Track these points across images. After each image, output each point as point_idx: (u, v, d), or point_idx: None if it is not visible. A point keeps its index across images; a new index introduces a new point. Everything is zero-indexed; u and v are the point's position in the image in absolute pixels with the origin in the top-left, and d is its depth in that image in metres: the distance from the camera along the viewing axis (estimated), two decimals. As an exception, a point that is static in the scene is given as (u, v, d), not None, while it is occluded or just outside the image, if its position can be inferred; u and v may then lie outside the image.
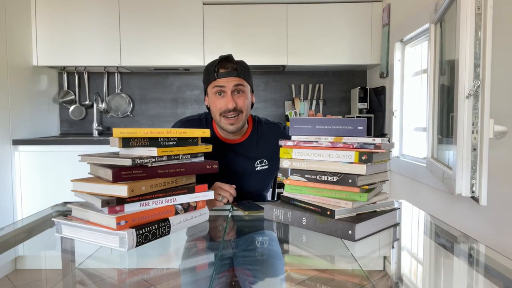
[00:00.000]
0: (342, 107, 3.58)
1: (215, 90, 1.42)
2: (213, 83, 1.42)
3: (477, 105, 1.29)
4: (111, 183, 0.90)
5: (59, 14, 3.09)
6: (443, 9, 1.67)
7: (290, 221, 1.05)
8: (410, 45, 2.69)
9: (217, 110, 1.43)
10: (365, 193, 1.00)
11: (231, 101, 1.40)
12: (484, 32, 1.25)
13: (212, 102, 1.45)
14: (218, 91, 1.42)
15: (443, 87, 1.84)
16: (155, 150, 0.96)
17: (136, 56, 3.13)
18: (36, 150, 2.84)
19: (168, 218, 0.97)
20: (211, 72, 1.42)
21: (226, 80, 1.40)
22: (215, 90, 1.42)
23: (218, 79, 1.40)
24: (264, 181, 1.63)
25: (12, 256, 0.94)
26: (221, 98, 1.42)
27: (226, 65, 1.41)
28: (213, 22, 3.11)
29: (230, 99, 1.40)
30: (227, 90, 1.41)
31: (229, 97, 1.40)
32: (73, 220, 0.94)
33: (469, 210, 1.75)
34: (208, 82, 1.44)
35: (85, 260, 0.88)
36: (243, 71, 1.43)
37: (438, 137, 1.90)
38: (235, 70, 1.40)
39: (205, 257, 0.93)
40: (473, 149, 1.30)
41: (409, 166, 2.51)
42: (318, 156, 1.05)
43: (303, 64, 3.18)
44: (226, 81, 1.40)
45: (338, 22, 3.11)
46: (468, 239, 1.04)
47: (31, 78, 3.09)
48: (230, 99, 1.40)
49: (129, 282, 0.80)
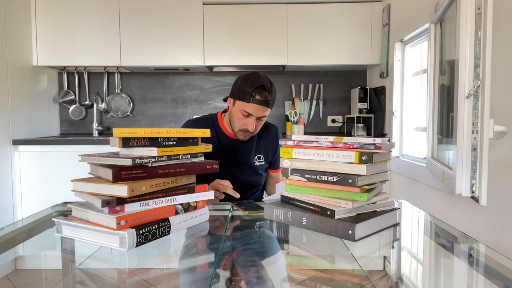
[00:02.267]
0: (342, 107, 3.58)
1: (244, 113, 1.55)
2: (245, 105, 1.54)
3: (477, 105, 1.29)
4: (111, 183, 0.90)
5: (59, 14, 3.09)
6: (443, 9, 1.67)
7: (290, 221, 1.05)
8: (410, 45, 2.69)
9: (238, 126, 1.59)
10: (365, 193, 1.00)
11: (252, 125, 1.56)
12: (484, 32, 1.25)
13: (236, 117, 1.58)
14: (245, 114, 1.55)
15: (443, 87, 1.84)
16: (155, 150, 0.96)
17: (136, 56, 3.13)
18: (36, 150, 2.84)
19: (168, 218, 0.97)
20: (248, 93, 1.52)
21: (257, 108, 1.53)
22: (243, 112, 1.55)
23: (251, 104, 1.52)
24: (259, 174, 1.78)
25: (12, 256, 0.94)
26: (246, 119, 1.56)
27: (262, 94, 1.52)
28: (213, 22, 3.11)
29: (253, 125, 1.56)
30: (253, 116, 1.55)
31: (252, 123, 1.56)
32: (73, 220, 0.94)
33: (469, 210, 1.75)
34: (241, 100, 1.55)
35: (85, 260, 0.88)
36: (273, 101, 1.57)
37: (438, 137, 1.90)
38: (268, 102, 1.53)
39: (205, 257, 0.93)
40: (473, 149, 1.30)
41: (409, 166, 2.51)
42: (318, 156, 1.05)
43: (303, 64, 3.18)
44: (256, 110, 1.54)
45: (338, 22, 3.12)
46: (468, 239, 1.04)
47: (31, 78, 3.09)
48: (253, 124, 1.56)
49: (129, 282, 0.80)
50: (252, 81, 1.53)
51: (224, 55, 3.13)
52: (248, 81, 1.54)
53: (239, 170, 1.69)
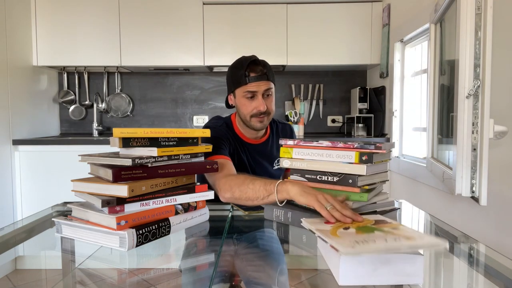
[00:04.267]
0: (342, 107, 3.58)
1: (247, 95, 1.46)
2: (244, 87, 1.45)
3: (477, 105, 1.29)
4: (111, 183, 0.90)
5: (59, 14, 3.09)
6: (443, 9, 1.67)
7: (290, 221, 1.05)
8: (410, 45, 2.69)
9: (248, 113, 1.47)
10: (365, 193, 1.00)
11: (262, 104, 1.45)
12: (484, 32, 1.25)
13: (242, 105, 1.48)
14: (249, 96, 1.46)
15: (443, 87, 1.84)
16: (155, 150, 0.96)
17: (136, 56, 3.13)
18: (36, 150, 2.84)
19: (168, 218, 0.97)
20: (241, 76, 1.44)
21: (257, 84, 1.44)
22: (246, 94, 1.46)
23: (250, 83, 1.44)
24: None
25: (12, 256, 0.94)
26: (253, 101, 1.46)
27: (256, 69, 1.44)
28: (213, 22, 3.11)
29: (262, 103, 1.45)
30: (258, 94, 1.45)
31: (260, 101, 1.45)
32: (73, 220, 0.94)
33: (469, 210, 1.75)
34: (238, 84, 1.46)
35: (85, 260, 0.88)
36: (271, 73, 1.48)
37: (438, 137, 1.90)
38: (265, 74, 1.44)
39: (205, 257, 0.93)
40: (473, 149, 1.30)
41: (409, 166, 2.51)
42: (318, 156, 1.05)
43: (303, 64, 3.18)
44: (257, 86, 1.44)
45: (338, 22, 3.11)
46: (468, 239, 1.04)
47: (31, 78, 3.09)
48: (261, 102, 1.45)
49: (129, 282, 0.80)
50: (240, 63, 1.47)
51: (224, 55, 3.12)
52: (236, 67, 1.48)
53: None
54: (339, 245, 0.68)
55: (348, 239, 0.72)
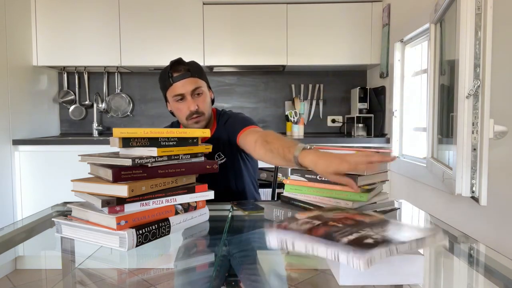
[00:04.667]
0: (342, 107, 3.58)
1: (176, 98, 1.45)
2: (171, 89, 1.45)
3: (477, 105, 1.29)
4: (111, 183, 0.90)
5: (59, 14, 3.09)
6: (443, 9, 1.67)
7: (290, 221, 1.05)
8: (410, 45, 2.69)
9: (183, 116, 1.47)
10: (365, 193, 1.00)
11: (192, 103, 1.43)
12: (484, 32, 1.25)
13: (176, 109, 1.48)
14: (178, 99, 1.45)
15: (443, 87, 1.84)
16: (155, 150, 0.96)
17: (136, 56, 3.13)
18: (36, 150, 2.84)
19: (168, 218, 0.97)
20: (166, 78, 1.45)
21: (182, 84, 1.43)
22: (176, 98, 1.45)
23: (174, 83, 1.43)
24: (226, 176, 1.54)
25: (12, 256, 0.94)
26: (183, 103, 1.45)
27: (178, 68, 1.44)
28: (213, 22, 3.11)
29: (192, 102, 1.43)
30: (186, 95, 1.44)
31: (190, 101, 1.44)
32: (73, 220, 0.94)
33: (469, 210, 1.75)
34: (166, 88, 1.47)
35: (85, 260, 0.88)
36: (195, 70, 1.47)
37: (438, 137, 1.90)
38: (188, 71, 1.44)
39: (205, 257, 0.93)
40: (473, 149, 1.31)
41: (409, 166, 2.51)
42: (318, 156, 1.05)
43: (303, 64, 3.18)
44: (182, 86, 1.43)
45: (338, 22, 3.11)
46: (468, 239, 1.04)
47: (31, 78, 3.09)
48: (191, 102, 1.43)
49: (129, 282, 0.80)
50: (164, 70, 1.49)
51: (224, 55, 3.12)
52: (163, 71, 1.49)
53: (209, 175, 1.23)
54: None
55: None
